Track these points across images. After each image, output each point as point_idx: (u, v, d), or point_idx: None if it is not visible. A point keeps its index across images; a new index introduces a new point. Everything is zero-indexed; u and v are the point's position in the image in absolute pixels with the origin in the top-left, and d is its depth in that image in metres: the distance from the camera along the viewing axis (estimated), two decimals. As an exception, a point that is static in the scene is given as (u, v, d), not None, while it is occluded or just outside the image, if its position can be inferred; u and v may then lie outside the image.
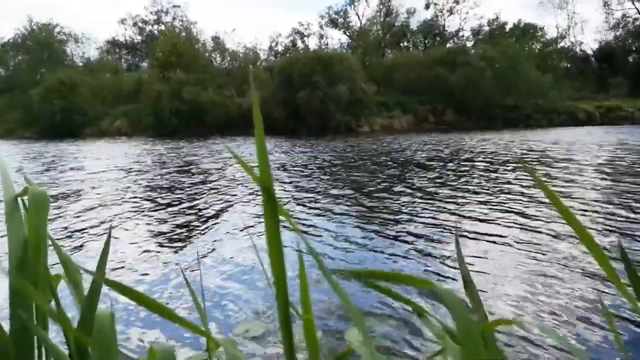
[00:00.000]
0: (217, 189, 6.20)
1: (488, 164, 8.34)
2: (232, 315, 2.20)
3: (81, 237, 3.71)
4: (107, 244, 0.63)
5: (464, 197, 5.11)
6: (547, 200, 4.63)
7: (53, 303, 0.66)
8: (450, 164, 8.58)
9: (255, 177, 0.41)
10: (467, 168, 7.90)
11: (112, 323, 0.55)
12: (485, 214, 4.26)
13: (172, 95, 28.76)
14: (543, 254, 2.98)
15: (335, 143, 16.37)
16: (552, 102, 30.73)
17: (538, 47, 39.61)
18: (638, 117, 29.21)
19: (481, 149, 11.96)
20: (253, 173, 0.42)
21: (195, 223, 4.20)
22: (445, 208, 4.53)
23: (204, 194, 5.83)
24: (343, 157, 10.86)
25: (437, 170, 7.75)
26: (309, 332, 0.47)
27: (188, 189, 6.23)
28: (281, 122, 26.70)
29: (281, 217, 0.42)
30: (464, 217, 4.17)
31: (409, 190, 5.68)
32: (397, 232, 3.71)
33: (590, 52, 42.69)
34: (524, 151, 10.98)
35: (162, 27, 43.05)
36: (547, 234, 3.43)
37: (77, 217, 4.48)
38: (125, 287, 0.47)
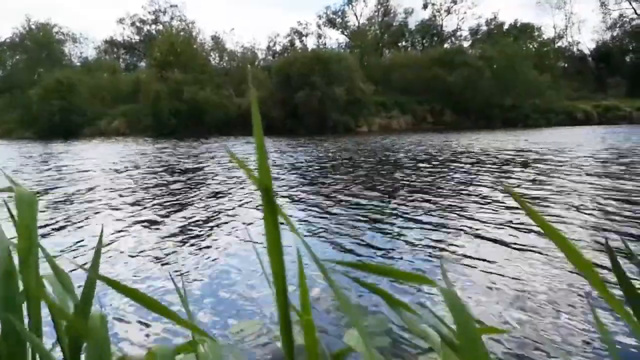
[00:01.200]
0: (215, 188, 6.19)
1: (482, 164, 8.36)
2: (226, 315, 2.19)
3: (71, 237, 3.69)
4: (99, 242, 0.62)
5: (448, 194, 5.11)
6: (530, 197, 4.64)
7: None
8: (440, 164, 8.59)
9: (254, 178, 0.40)
10: (456, 167, 7.91)
11: (104, 324, 0.54)
12: (468, 215, 4.26)
13: (171, 95, 28.71)
14: (529, 257, 2.98)
15: (329, 143, 16.37)
16: (550, 101, 30.84)
17: (535, 46, 39.70)
18: (636, 117, 29.35)
19: (476, 148, 11.98)
20: (252, 174, 0.40)
21: (190, 222, 4.18)
22: (431, 205, 4.54)
23: (202, 193, 5.81)
24: (336, 158, 10.86)
25: (426, 169, 7.76)
26: (309, 333, 0.46)
27: (187, 189, 6.22)
28: (279, 122, 26.69)
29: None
30: (446, 217, 4.17)
31: (397, 188, 5.68)
32: (383, 229, 3.71)
33: (587, 52, 42.93)
34: (518, 151, 11.01)
35: (160, 27, 43.05)
36: (532, 236, 3.42)
37: (68, 216, 4.45)
38: (117, 283, 0.46)
